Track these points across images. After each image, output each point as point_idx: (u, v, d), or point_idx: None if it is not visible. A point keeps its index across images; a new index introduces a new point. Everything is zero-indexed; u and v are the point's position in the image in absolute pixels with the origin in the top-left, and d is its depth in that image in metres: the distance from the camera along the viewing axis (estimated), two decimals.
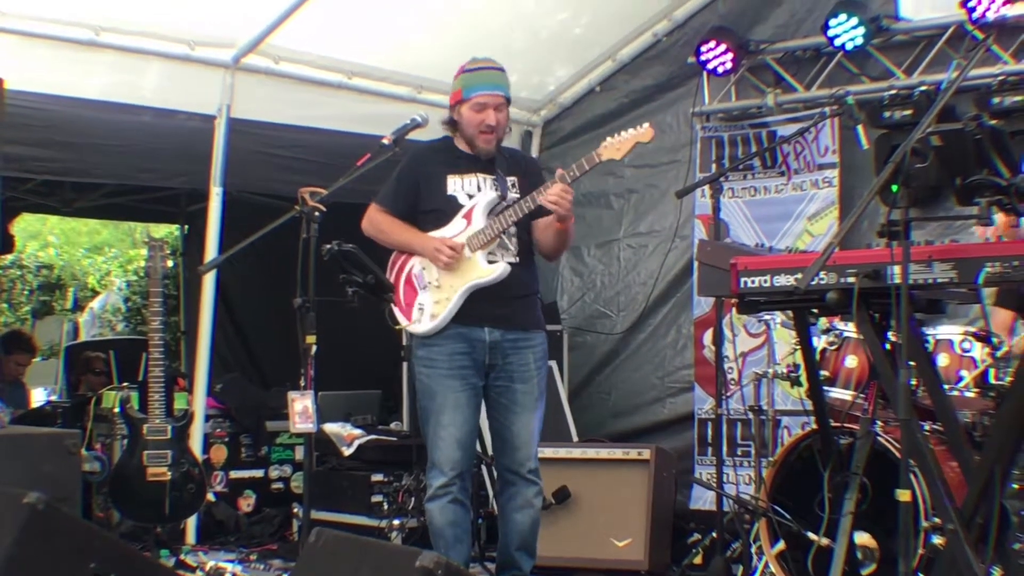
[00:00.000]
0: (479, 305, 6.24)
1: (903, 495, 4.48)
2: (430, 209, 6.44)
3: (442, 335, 6.26)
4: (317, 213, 6.15)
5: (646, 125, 6.19)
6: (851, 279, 4.74)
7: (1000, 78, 8.28)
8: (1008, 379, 6.04)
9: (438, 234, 6.35)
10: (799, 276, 4.79)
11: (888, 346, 4.75)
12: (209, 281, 8.75)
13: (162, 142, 8.55)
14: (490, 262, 6.27)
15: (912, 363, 4.71)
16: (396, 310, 6.49)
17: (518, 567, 6.39)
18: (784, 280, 4.92)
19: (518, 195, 6.35)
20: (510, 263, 6.31)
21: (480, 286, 6.24)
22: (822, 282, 4.79)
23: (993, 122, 4.57)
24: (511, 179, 6.44)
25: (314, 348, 6.22)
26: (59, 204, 12.01)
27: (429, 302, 6.34)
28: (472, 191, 6.40)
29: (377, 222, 6.54)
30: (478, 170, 6.45)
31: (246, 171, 8.84)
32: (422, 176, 6.50)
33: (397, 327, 6.51)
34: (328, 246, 6.26)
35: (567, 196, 6.04)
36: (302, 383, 6.20)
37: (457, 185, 6.41)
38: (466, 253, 6.26)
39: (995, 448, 4.75)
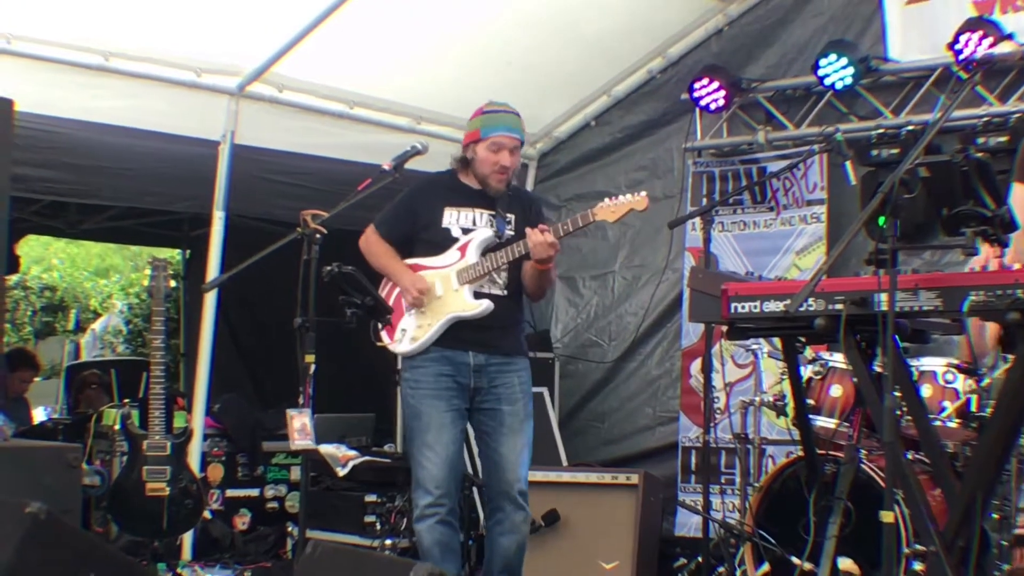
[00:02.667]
0: (464, 331, 6.32)
1: (887, 517, 4.48)
2: (426, 239, 6.49)
3: (427, 357, 6.32)
4: (318, 235, 6.21)
5: (643, 194, 6.34)
6: (839, 306, 4.75)
7: (985, 119, 8.32)
8: (989, 410, 6.06)
9: (428, 263, 6.44)
10: (788, 301, 4.81)
11: (874, 371, 4.75)
12: (210, 302, 8.79)
13: (167, 166, 8.57)
14: (477, 295, 6.33)
15: (897, 392, 4.73)
16: (380, 328, 6.53)
17: None
18: (774, 306, 4.94)
19: (514, 233, 6.39)
20: (497, 295, 6.38)
21: (463, 319, 6.32)
22: (810, 308, 4.81)
23: (979, 154, 4.60)
24: (510, 216, 6.47)
25: (312, 367, 6.26)
26: (65, 226, 12.01)
27: (412, 326, 6.42)
28: (467, 225, 6.45)
29: (371, 243, 6.61)
30: (477, 205, 6.50)
31: (248, 196, 8.86)
32: (421, 206, 6.57)
33: (379, 344, 6.53)
34: (329, 268, 6.31)
35: (550, 249, 6.08)
36: (300, 401, 6.23)
37: (453, 218, 6.46)
38: (453, 284, 6.34)
39: (976, 475, 4.77)
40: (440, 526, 6.28)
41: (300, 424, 6.27)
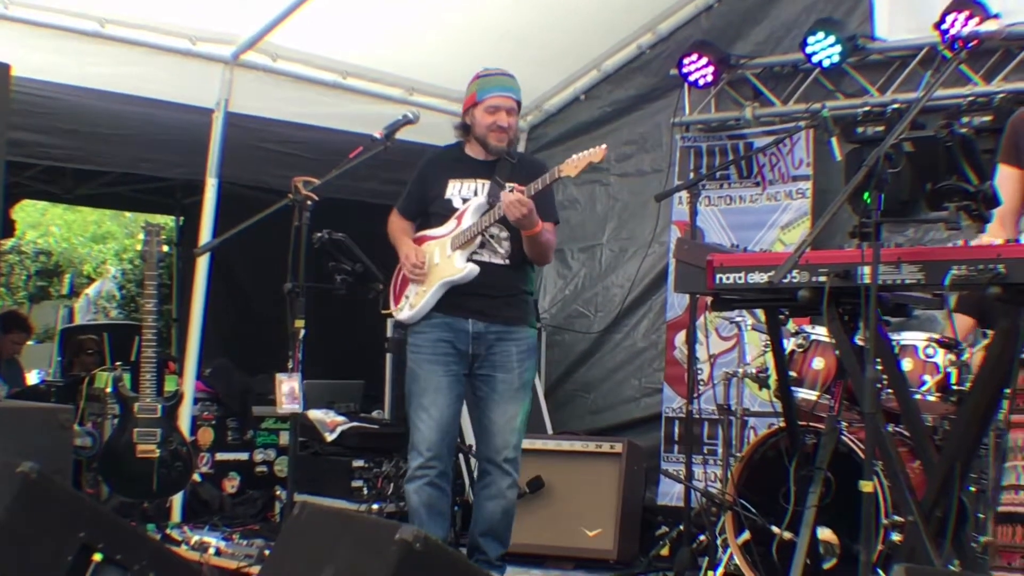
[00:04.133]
0: (464, 299, 6.35)
1: (866, 487, 4.49)
2: (433, 212, 6.56)
3: (428, 323, 6.38)
4: (309, 202, 6.24)
5: (602, 146, 6.30)
6: (822, 278, 4.75)
7: (970, 98, 8.32)
8: (968, 384, 6.06)
9: (432, 233, 6.50)
10: (772, 273, 4.81)
11: (856, 345, 4.76)
12: (202, 267, 8.79)
13: (162, 133, 8.57)
14: (479, 263, 6.34)
15: (879, 363, 4.73)
16: (391, 297, 6.64)
17: (483, 552, 6.44)
18: (758, 277, 4.93)
19: (495, 198, 6.39)
20: (498, 264, 6.41)
21: (451, 284, 6.37)
22: (794, 280, 4.80)
23: (963, 130, 4.59)
24: (510, 184, 6.35)
25: (302, 332, 6.27)
26: (61, 191, 11.99)
27: (413, 293, 6.49)
28: (468, 195, 6.49)
29: (391, 223, 6.73)
30: (479, 176, 6.54)
31: (241, 164, 8.87)
32: (429, 180, 6.65)
33: (385, 311, 6.58)
34: (319, 234, 6.40)
35: (520, 207, 6.08)
36: (290, 366, 6.25)
37: (455, 190, 6.52)
38: (447, 251, 6.38)
39: (954, 448, 4.77)
40: (429, 488, 6.31)
41: (288, 388, 6.30)
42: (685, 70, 9.45)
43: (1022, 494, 4.93)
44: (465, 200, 6.45)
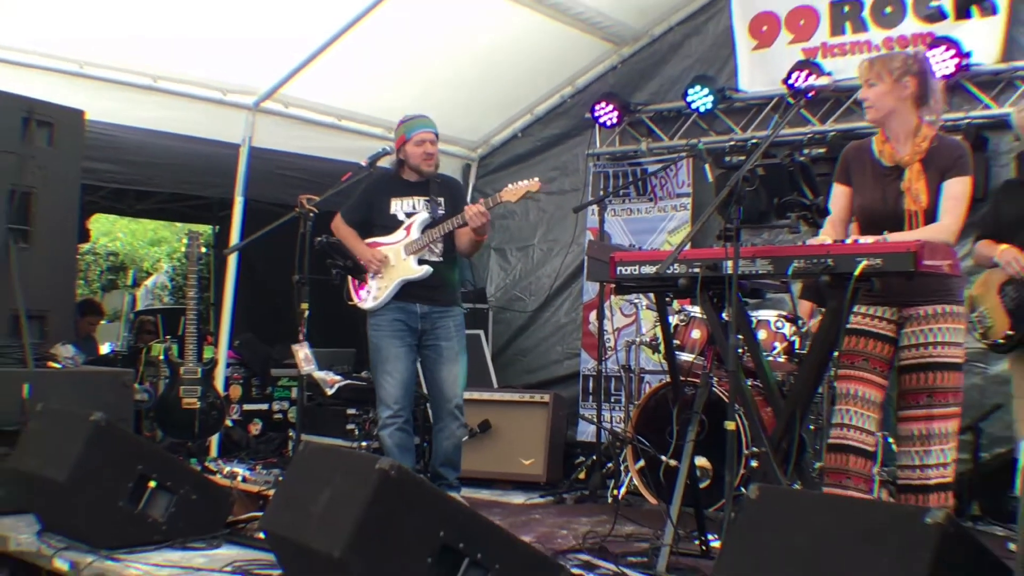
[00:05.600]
0: (413, 288, 6.50)
1: (730, 426, 4.51)
2: (380, 224, 6.60)
3: (386, 308, 6.47)
4: (311, 214, 6.30)
5: (536, 179, 6.50)
6: (696, 270, 4.75)
7: (809, 135, 8.39)
8: (807, 348, 6.10)
9: (383, 241, 6.56)
10: (659, 265, 4.82)
11: (723, 320, 4.77)
12: (232, 263, 8.74)
13: (200, 162, 8.49)
14: (420, 262, 6.47)
15: (739, 335, 4.75)
16: (352, 291, 6.72)
17: (443, 477, 6.52)
18: (649, 269, 4.94)
19: (443, 211, 6.54)
20: (435, 261, 6.52)
21: (409, 281, 6.47)
22: (676, 271, 4.80)
23: (801, 158, 4.62)
24: (440, 199, 6.60)
25: (307, 313, 6.28)
26: (124, 207, 11.90)
27: (375, 288, 6.56)
28: (409, 209, 6.60)
29: (339, 227, 6.73)
30: (415, 193, 6.62)
31: (261, 185, 8.78)
32: (374, 199, 6.68)
33: (350, 303, 6.63)
34: (319, 238, 6.45)
35: (483, 218, 6.26)
36: (300, 338, 6.30)
37: (398, 206, 6.61)
38: (402, 255, 6.48)
39: (796, 396, 4.79)
40: (398, 432, 6.38)
41: (304, 354, 6.40)
42: (596, 114, 9.49)
43: (844, 429, 4.97)
44: (408, 214, 6.57)
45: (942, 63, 7.70)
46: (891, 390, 5.10)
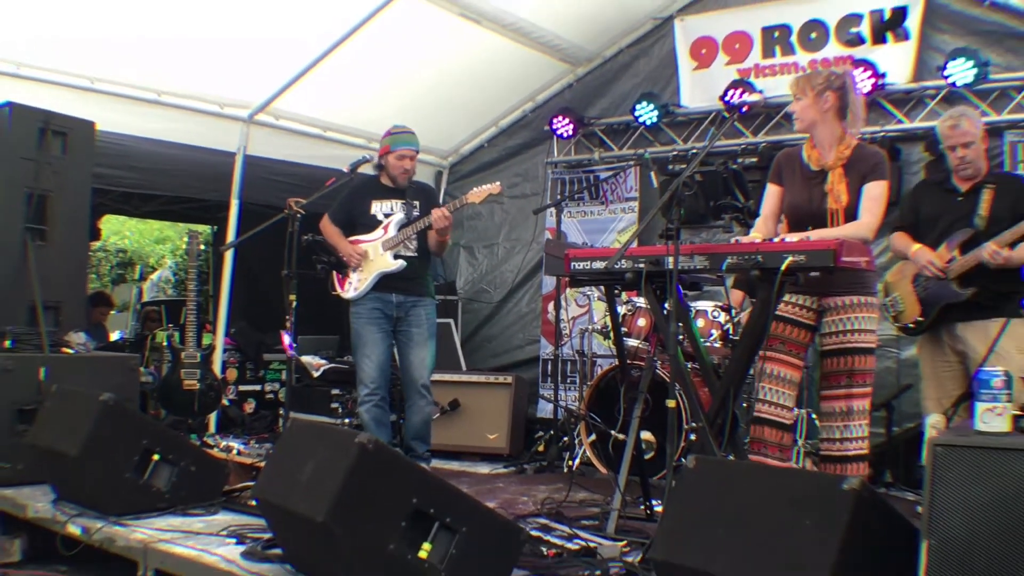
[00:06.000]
0: (389, 280, 6.53)
1: (671, 403, 4.52)
2: (362, 223, 6.62)
3: (365, 298, 6.49)
4: (299, 215, 6.28)
5: (497, 183, 6.64)
6: (641, 265, 4.76)
7: (742, 146, 8.41)
8: (739, 336, 6.11)
9: (364, 239, 6.59)
10: (608, 261, 4.83)
11: (665, 310, 4.78)
12: (228, 259, 8.72)
13: (200, 169, 8.43)
14: (396, 257, 6.50)
15: (680, 322, 4.76)
16: (337, 283, 6.72)
17: (414, 450, 6.55)
18: (599, 265, 4.94)
19: (418, 213, 6.56)
20: (411, 256, 6.55)
21: (386, 273, 6.48)
22: (623, 266, 4.81)
23: (735, 167, 4.64)
24: (415, 202, 6.62)
25: (295, 304, 6.26)
26: (132, 208, 11.76)
27: (356, 279, 6.59)
28: (387, 211, 6.63)
29: (326, 226, 6.76)
30: (392, 197, 6.66)
31: (254, 189, 8.73)
32: (355, 201, 6.71)
33: (334, 294, 6.66)
34: (306, 237, 6.47)
35: (446, 220, 6.35)
36: (287, 327, 6.27)
37: (377, 208, 6.64)
38: (380, 251, 6.51)
39: (730, 377, 4.81)
40: (375, 408, 6.40)
41: (289, 340, 6.34)
42: (554, 126, 9.50)
43: (763, 405, 5.00)
44: (386, 214, 6.59)
45: (860, 83, 7.75)
46: (815, 371, 5.14)
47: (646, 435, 6.47)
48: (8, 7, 6.59)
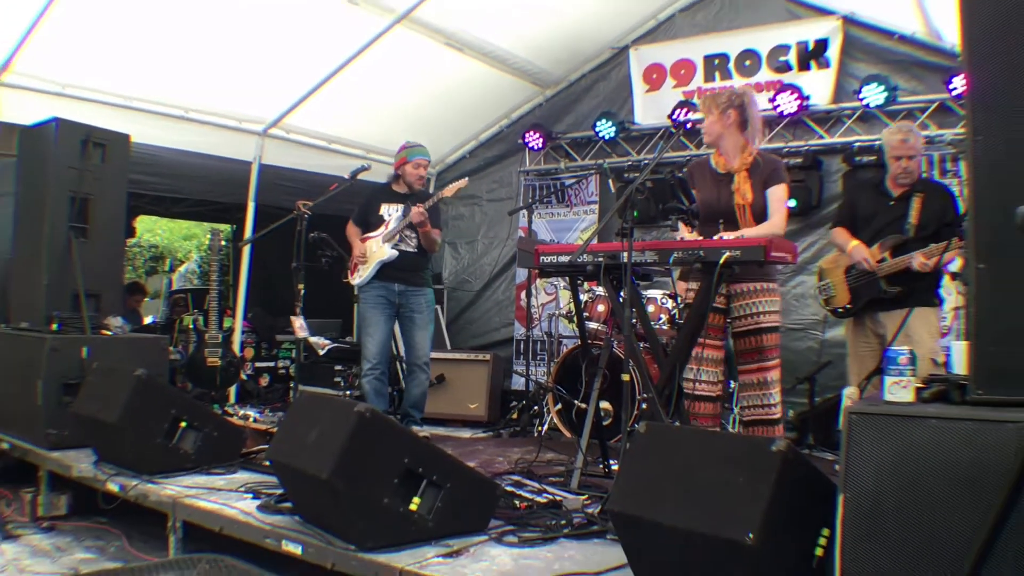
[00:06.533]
0: (393, 271, 6.59)
1: (626, 377, 4.53)
2: (372, 223, 6.68)
3: (371, 286, 6.54)
4: (306, 215, 6.25)
5: (465, 179, 6.92)
6: (600, 259, 4.76)
7: (687, 158, 8.37)
8: (684, 320, 6.12)
9: (372, 234, 6.65)
10: (571, 255, 4.83)
11: (620, 298, 4.78)
12: (246, 254, 8.68)
13: (221, 175, 8.39)
14: (393, 248, 6.55)
15: (633, 308, 4.76)
16: (350, 272, 6.73)
17: (411, 416, 6.54)
18: (565, 258, 4.95)
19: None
20: (411, 251, 6.59)
21: (385, 262, 6.53)
22: (585, 260, 4.81)
23: (680, 175, 4.64)
24: (413, 205, 6.62)
25: (303, 292, 6.25)
26: (162, 210, 11.72)
27: (362, 269, 6.61)
28: (393, 212, 6.68)
29: (348, 229, 6.86)
30: (399, 201, 6.72)
31: (268, 193, 8.70)
32: (370, 204, 6.77)
33: (345, 280, 6.65)
34: (312, 234, 6.47)
35: (421, 215, 6.45)
36: (297, 311, 6.26)
37: (385, 210, 6.71)
38: (380, 244, 6.57)
39: (675, 355, 4.81)
40: (375, 381, 6.40)
41: (299, 324, 6.32)
42: (527, 140, 9.49)
43: (694, 383, 5.04)
44: (389, 215, 6.67)
45: (788, 103, 7.79)
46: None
47: (604, 404, 6.48)
48: (54, 38, 6.54)
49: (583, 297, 7.26)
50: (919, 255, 5.31)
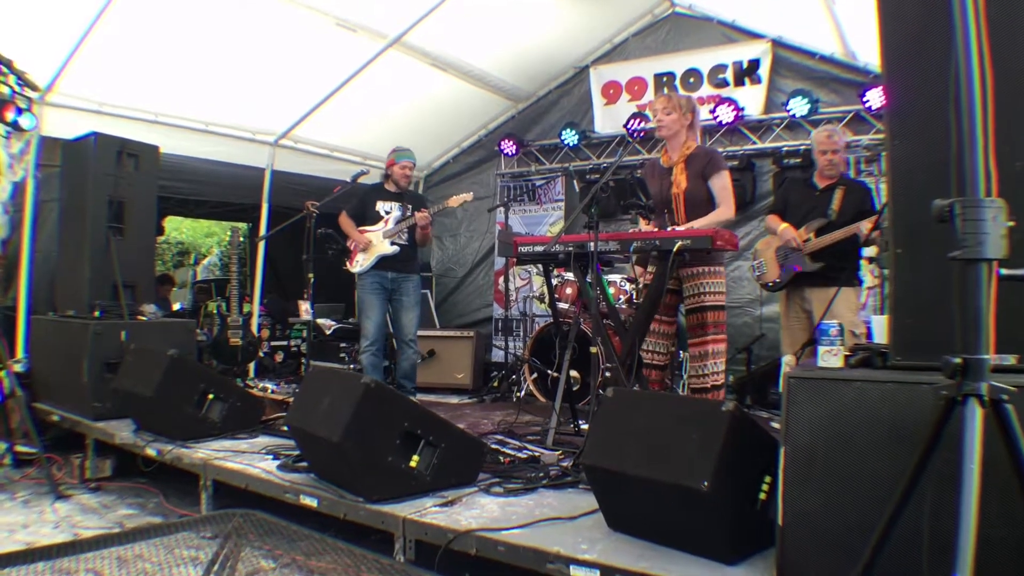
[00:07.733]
0: (387, 261, 6.44)
1: (593, 349, 4.52)
2: (369, 217, 6.51)
3: (368, 274, 6.48)
4: (314, 214, 6.20)
5: (471, 193, 6.63)
6: (570, 248, 4.75)
7: (641, 161, 8.34)
8: (641, 300, 6.12)
9: (369, 229, 6.48)
10: (545, 246, 4.81)
11: (588, 281, 4.77)
12: (261, 248, 8.61)
13: (239, 181, 8.29)
14: (392, 244, 6.42)
15: (598, 290, 4.75)
16: (349, 260, 6.60)
17: (404, 387, 6.49)
18: (539, 248, 4.93)
19: (410, 213, 6.49)
20: (404, 244, 6.47)
21: (384, 256, 6.39)
22: (556, 250, 4.79)
23: (637, 175, 4.62)
24: (409, 205, 6.56)
25: (312, 280, 6.20)
26: (187, 211, 11.61)
27: (361, 259, 6.51)
28: (389, 209, 6.54)
29: (342, 220, 6.63)
30: (393, 199, 6.57)
31: (280, 195, 8.62)
32: (366, 201, 6.59)
33: (345, 268, 6.58)
34: (320, 230, 6.37)
35: (427, 219, 6.36)
36: (306, 297, 6.21)
37: (382, 207, 6.54)
38: (380, 239, 6.42)
39: (635, 330, 4.81)
40: (372, 356, 6.36)
41: (304, 307, 6.26)
42: (502, 147, 9.46)
43: (647, 353, 5.04)
44: (387, 212, 6.52)
45: (726, 114, 7.80)
46: None
47: (574, 373, 6.47)
48: (92, 63, 6.47)
49: (554, 282, 7.24)
50: (865, 222, 5.34)
